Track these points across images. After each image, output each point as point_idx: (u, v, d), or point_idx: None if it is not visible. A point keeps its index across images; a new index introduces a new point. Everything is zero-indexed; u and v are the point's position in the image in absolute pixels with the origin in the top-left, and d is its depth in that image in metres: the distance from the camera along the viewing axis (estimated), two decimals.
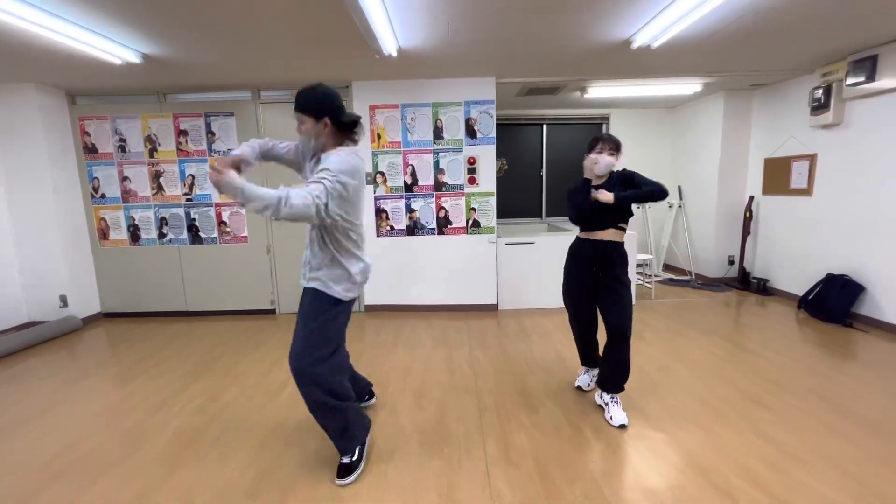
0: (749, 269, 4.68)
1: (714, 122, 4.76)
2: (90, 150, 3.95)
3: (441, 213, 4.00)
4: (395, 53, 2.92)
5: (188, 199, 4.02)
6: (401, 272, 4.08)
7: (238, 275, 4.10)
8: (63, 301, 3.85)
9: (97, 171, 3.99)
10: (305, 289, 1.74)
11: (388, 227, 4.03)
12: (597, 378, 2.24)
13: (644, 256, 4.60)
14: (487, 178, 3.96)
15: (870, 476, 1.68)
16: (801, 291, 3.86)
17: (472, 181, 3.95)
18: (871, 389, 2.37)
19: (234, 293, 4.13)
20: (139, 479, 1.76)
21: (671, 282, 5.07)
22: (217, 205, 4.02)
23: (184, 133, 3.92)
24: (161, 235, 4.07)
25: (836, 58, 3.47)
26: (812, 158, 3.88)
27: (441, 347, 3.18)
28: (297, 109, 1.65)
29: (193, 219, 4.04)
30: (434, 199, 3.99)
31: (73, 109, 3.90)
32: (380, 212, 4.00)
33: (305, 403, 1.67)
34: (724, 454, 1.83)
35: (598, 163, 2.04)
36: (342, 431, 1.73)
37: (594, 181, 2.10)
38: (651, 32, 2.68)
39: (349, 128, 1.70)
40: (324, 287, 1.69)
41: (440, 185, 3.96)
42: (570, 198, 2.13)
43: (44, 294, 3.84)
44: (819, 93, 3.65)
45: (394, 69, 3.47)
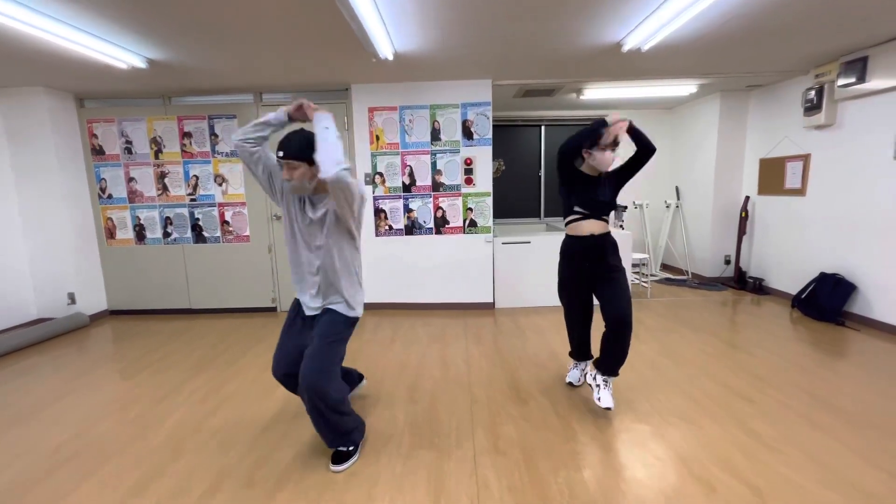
0: (745, 269, 4.72)
1: (710, 123, 4.80)
2: (98, 152, 4.07)
3: (438, 213, 4.08)
4: (392, 57, 3.00)
5: (192, 200, 4.12)
6: (399, 271, 4.16)
7: (240, 273, 4.20)
8: (71, 298, 3.97)
9: (104, 172, 4.11)
10: (326, 309, 1.79)
11: (387, 227, 4.11)
12: (593, 360, 2.26)
13: (639, 256, 4.64)
14: (484, 179, 4.03)
15: (842, 465, 1.73)
16: (796, 290, 3.90)
17: (469, 181, 4.03)
18: (854, 385, 2.42)
19: (236, 291, 4.23)
20: (143, 464, 1.85)
21: (668, 281, 5.11)
22: (220, 205, 4.12)
23: (188, 135, 4.03)
24: (166, 235, 4.18)
25: (828, 59, 3.51)
26: (806, 159, 3.92)
27: (437, 344, 3.25)
28: (287, 158, 1.53)
29: (197, 219, 4.15)
30: (432, 200, 4.06)
31: (82, 112, 4.02)
32: (378, 212, 4.09)
33: (307, 410, 1.72)
34: (705, 445, 1.89)
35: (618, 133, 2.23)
36: (341, 434, 1.79)
37: (593, 171, 2.26)
38: (641, 36, 2.74)
39: None
40: (346, 309, 1.78)
41: (437, 186, 4.04)
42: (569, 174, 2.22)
43: (53, 292, 3.96)
44: (812, 94, 3.69)
45: (391, 72, 3.55)
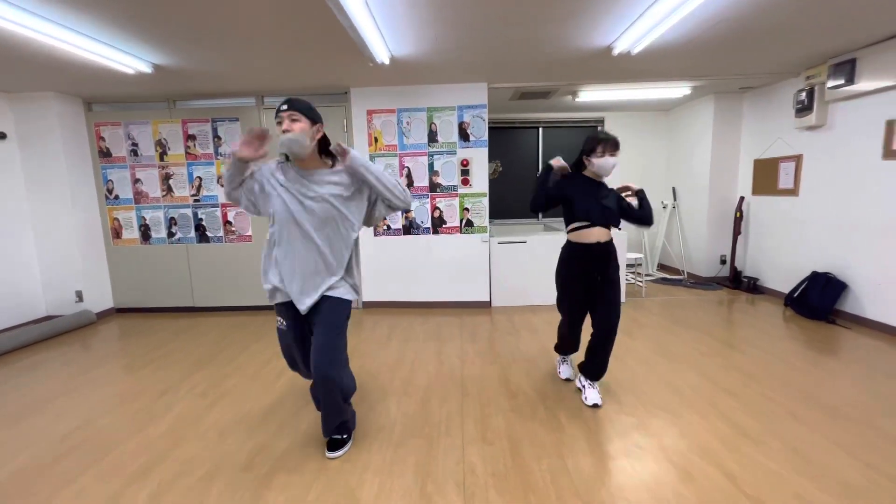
0: (740, 269, 4.76)
1: (705, 125, 4.86)
2: (105, 154, 4.19)
3: (436, 214, 4.16)
4: (388, 61, 3.09)
5: (196, 201, 4.23)
6: (397, 270, 4.24)
7: (242, 272, 4.29)
8: (78, 296, 4.08)
9: (111, 174, 4.22)
10: (324, 297, 1.77)
11: (385, 227, 4.20)
12: (579, 365, 2.35)
13: (634, 255, 4.69)
14: (480, 180, 4.11)
15: (820, 456, 1.78)
16: (789, 290, 3.94)
17: (466, 182, 4.10)
18: (840, 380, 2.47)
19: (239, 290, 4.33)
20: (146, 452, 1.93)
21: (664, 281, 5.16)
22: (223, 205, 4.22)
23: (192, 137, 4.14)
24: (170, 235, 4.29)
25: (818, 61, 3.56)
26: (798, 159, 3.96)
27: (433, 341, 3.32)
28: (293, 108, 1.58)
29: (201, 219, 4.25)
30: (429, 200, 4.15)
31: (90, 116, 4.14)
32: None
33: (321, 401, 1.80)
34: (687, 436, 1.95)
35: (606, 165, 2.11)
36: (341, 422, 1.88)
37: (595, 176, 2.19)
38: (630, 39, 2.82)
39: (328, 145, 1.76)
40: (349, 294, 1.82)
41: (434, 187, 4.12)
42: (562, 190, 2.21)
43: (61, 290, 4.07)
44: (803, 95, 3.74)
45: (389, 76, 3.64)
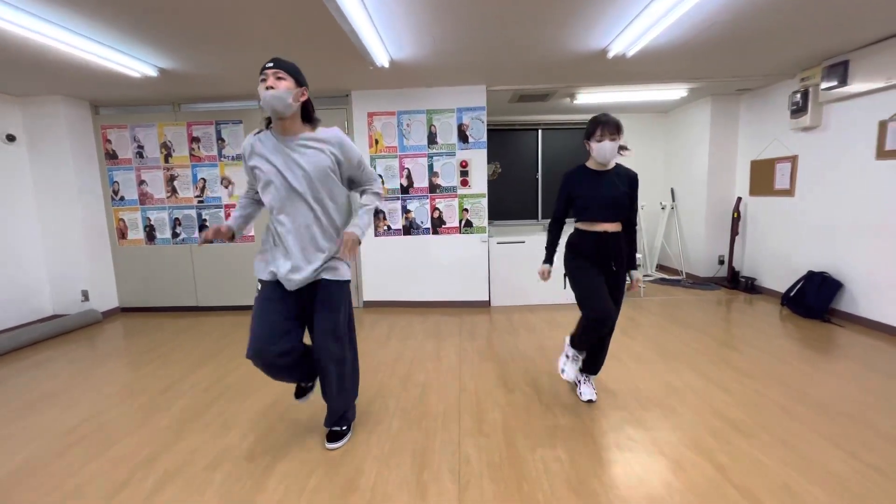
0: (738, 269, 4.79)
1: (702, 126, 4.91)
2: (111, 156, 4.27)
3: (435, 214, 4.21)
4: (388, 64, 3.16)
5: (200, 202, 4.30)
6: (397, 270, 4.30)
7: (244, 272, 4.35)
8: (84, 296, 4.15)
9: (117, 176, 4.30)
10: (324, 281, 1.74)
11: (386, 227, 4.26)
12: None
13: None
14: (479, 181, 4.17)
15: (809, 448, 1.82)
16: (786, 289, 3.96)
17: (465, 183, 4.16)
18: (833, 377, 2.50)
19: (241, 289, 4.39)
20: (150, 444, 1.99)
21: (663, 281, 5.19)
22: (226, 206, 4.29)
23: (196, 140, 4.22)
24: (174, 235, 4.36)
25: (812, 63, 3.61)
26: (794, 160, 4.00)
27: (432, 339, 3.37)
28: (279, 67, 1.55)
29: (204, 219, 4.33)
30: (428, 201, 4.20)
31: (96, 119, 4.23)
32: (377, 212, 4.23)
33: (334, 383, 1.83)
34: (679, 429, 1.99)
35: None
36: (341, 416, 1.93)
37: (599, 166, 2.12)
38: (624, 42, 2.88)
39: (312, 110, 1.75)
40: (345, 275, 1.80)
41: (434, 188, 4.18)
42: (557, 209, 2.28)
43: (67, 289, 4.15)
44: (798, 97, 3.79)
45: (389, 79, 3.71)
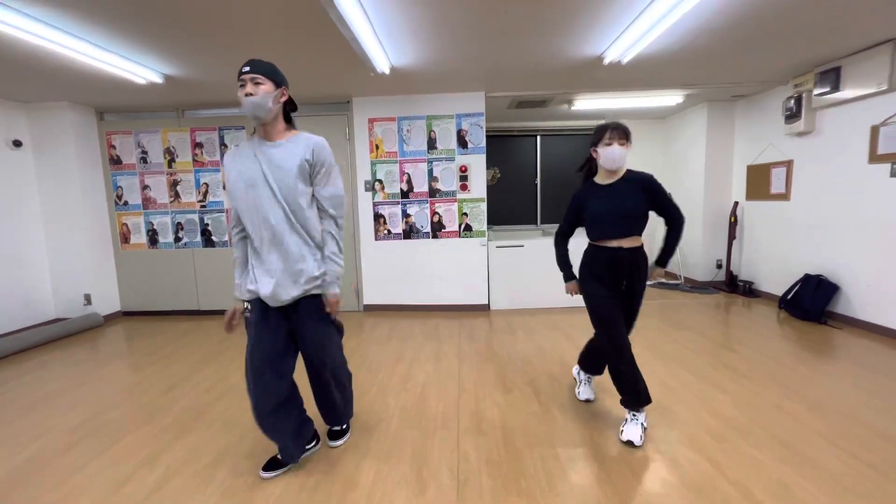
0: (736, 273, 4.82)
1: (699, 132, 4.97)
2: (115, 162, 4.33)
3: (435, 218, 4.26)
4: (388, 71, 3.22)
5: (202, 206, 4.35)
6: (397, 274, 4.33)
7: None
8: (87, 300, 4.18)
9: (121, 181, 4.36)
10: (311, 297, 1.66)
11: (386, 231, 4.30)
12: (621, 401, 2.02)
13: None
14: (478, 186, 4.22)
15: (803, 445, 1.84)
16: (783, 292, 4.00)
17: (464, 188, 4.21)
18: (827, 377, 2.53)
19: None
20: (153, 442, 2.01)
21: (661, 285, 5.22)
22: (228, 211, 4.34)
23: (199, 145, 4.28)
24: (177, 239, 4.41)
25: (805, 70, 3.68)
26: (789, 164, 4.06)
27: (432, 341, 3.40)
28: (255, 71, 1.47)
29: (207, 224, 4.37)
30: (428, 205, 4.25)
31: (101, 125, 4.30)
32: (378, 217, 4.28)
33: (334, 394, 1.84)
34: (675, 427, 2.01)
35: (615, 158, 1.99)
36: (342, 411, 1.92)
37: (607, 177, 2.05)
38: (619, 49, 2.94)
39: (293, 110, 1.66)
40: (322, 287, 1.69)
41: (434, 192, 4.23)
42: (564, 223, 2.14)
43: (70, 293, 4.18)
44: (791, 102, 3.85)
45: (390, 85, 3.78)
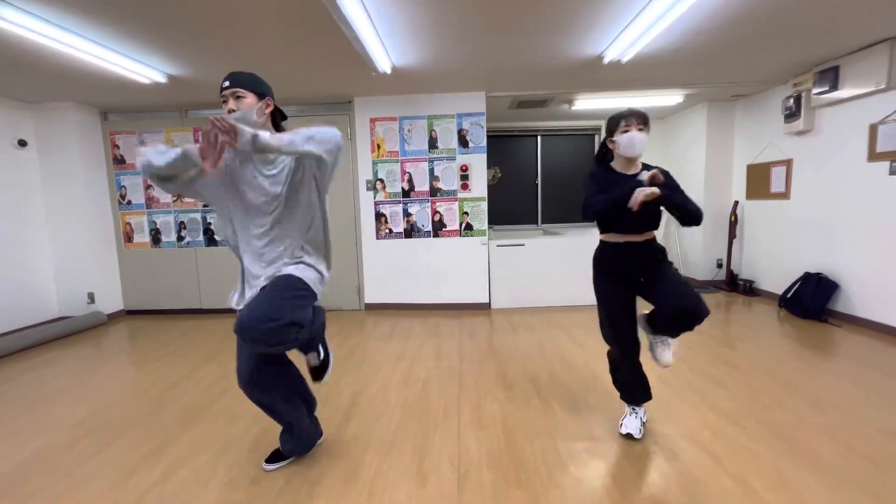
0: (736, 272, 4.84)
1: (699, 132, 4.99)
2: (119, 161, 4.37)
3: (436, 217, 4.29)
4: (390, 70, 3.25)
5: (205, 205, 4.38)
6: (398, 272, 4.36)
7: None
8: (90, 298, 4.21)
9: (124, 180, 4.39)
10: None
11: (387, 230, 4.33)
12: (650, 324, 1.85)
13: None
14: (479, 185, 4.24)
15: (801, 439, 1.86)
16: (783, 291, 4.01)
17: (465, 187, 4.24)
18: (826, 373, 2.54)
19: None
20: (158, 436, 2.03)
21: None
22: None
23: None
24: (180, 238, 4.44)
25: (804, 69, 3.70)
26: (788, 163, 4.07)
27: (433, 339, 3.42)
28: (235, 86, 1.42)
29: (209, 223, 4.40)
30: (429, 204, 4.28)
31: (105, 125, 4.33)
32: (379, 216, 4.31)
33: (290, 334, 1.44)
34: (675, 421, 2.03)
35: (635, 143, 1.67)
36: (309, 341, 1.61)
37: (625, 167, 1.75)
38: (618, 49, 2.97)
39: (282, 119, 1.56)
40: (301, 271, 1.52)
41: (435, 191, 4.26)
42: (594, 193, 1.70)
43: (73, 292, 4.21)
44: (791, 102, 3.87)
45: (391, 85, 3.81)
